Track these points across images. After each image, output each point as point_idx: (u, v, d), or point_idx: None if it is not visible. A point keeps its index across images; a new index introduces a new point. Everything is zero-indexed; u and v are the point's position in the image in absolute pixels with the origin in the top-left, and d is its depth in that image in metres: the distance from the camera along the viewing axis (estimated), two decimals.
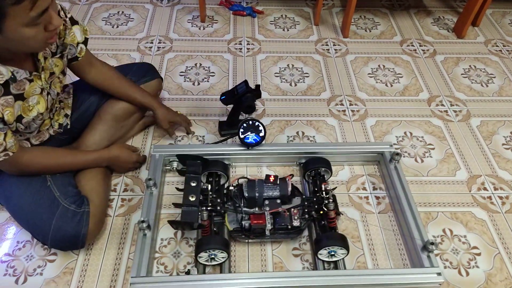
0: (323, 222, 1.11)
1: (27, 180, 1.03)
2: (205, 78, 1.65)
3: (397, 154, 1.25)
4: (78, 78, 1.23)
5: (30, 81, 0.94)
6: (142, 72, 1.35)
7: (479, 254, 1.15)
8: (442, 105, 1.59)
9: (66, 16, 1.04)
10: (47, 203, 1.01)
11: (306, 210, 1.12)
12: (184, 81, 1.63)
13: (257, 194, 1.10)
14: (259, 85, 1.32)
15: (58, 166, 1.08)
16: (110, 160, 1.19)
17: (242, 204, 1.11)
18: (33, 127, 1.02)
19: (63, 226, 1.00)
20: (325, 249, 1.03)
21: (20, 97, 0.92)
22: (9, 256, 1.09)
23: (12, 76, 0.89)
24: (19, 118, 0.94)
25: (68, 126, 1.18)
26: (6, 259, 1.08)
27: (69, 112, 1.20)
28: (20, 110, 0.93)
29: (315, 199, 1.13)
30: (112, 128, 1.26)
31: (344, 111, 1.54)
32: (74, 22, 1.07)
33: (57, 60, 1.04)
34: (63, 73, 1.09)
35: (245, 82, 1.29)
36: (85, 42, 1.12)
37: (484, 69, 1.77)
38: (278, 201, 1.10)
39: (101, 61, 1.23)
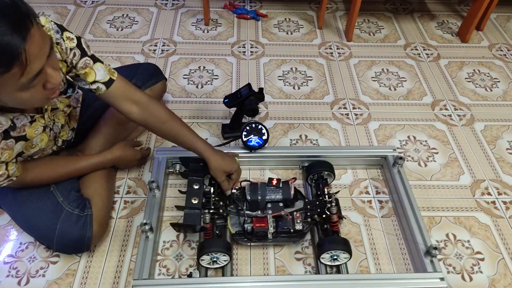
0: (325, 226, 1.10)
1: (28, 195, 1.03)
2: (208, 81, 1.66)
3: (401, 158, 1.24)
4: None
5: (32, 122, 0.92)
6: (148, 76, 1.34)
7: (482, 259, 1.14)
8: (446, 109, 1.58)
9: (85, 55, 0.96)
10: (50, 208, 1.02)
11: (308, 214, 1.11)
12: (188, 84, 1.64)
13: (259, 197, 1.10)
14: (263, 88, 1.32)
15: (63, 176, 1.08)
16: (113, 160, 1.19)
17: (244, 207, 1.11)
18: (35, 156, 1.01)
19: (68, 231, 1.01)
20: (328, 253, 1.02)
21: (22, 138, 0.90)
22: (12, 258, 1.09)
23: (12, 124, 0.86)
24: (20, 154, 0.93)
25: (72, 140, 1.16)
26: (9, 260, 1.09)
27: (75, 125, 1.17)
28: (22, 148, 0.92)
29: (317, 202, 1.13)
30: (116, 131, 1.26)
31: (347, 114, 1.54)
32: (96, 60, 0.99)
33: (62, 99, 1.02)
34: (68, 106, 1.08)
35: (249, 85, 1.29)
36: (108, 83, 1.00)
37: (488, 73, 1.76)
38: (281, 204, 1.10)
39: (153, 100, 1.08)
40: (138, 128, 1.38)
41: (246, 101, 1.29)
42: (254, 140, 1.23)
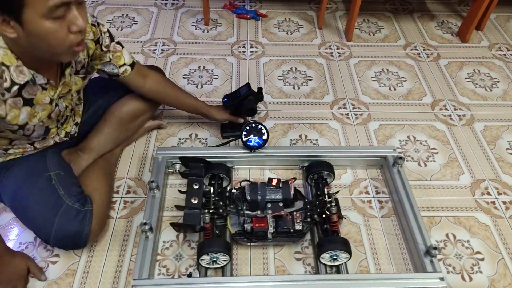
0: (325, 226, 1.10)
1: (33, 180, 1.04)
2: (208, 81, 1.66)
3: (400, 158, 1.24)
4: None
5: (44, 89, 0.94)
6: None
7: (482, 259, 1.14)
8: (446, 109, 1.58)
9: (113, 40, 1.10)
10: (51, 201, 1.01)
11: (308, 214, 1.11)
12: (188, 83, 1.64)
13: (259, 197, 1.10)
14: (261, 88, 1.32)
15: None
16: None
17: (244, 207, 1.11)
18: (36, 134, 1.00)
19: (66, 225, 1.00)
20: (328, 253, 1.02)
21: (29, 102, 0.91)
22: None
23: (33, 79, 0.89)
24: (23, 125, 0.94)
25: (76, 135, 1.18)
26: None
27: (79, 120, 1.19)
28: (26, 117, 0.93)
29: (317, 202, 1.13)
30: (117, 131, 1.26)
31: (347, 114, 1.54)
32: (121, 45, 1.14)
33: (78, 79, 1.05)
34: (78, 91, 1.10)
35: (248, 85, 1.29)
36: (133, 65, 1.16)
37: (488, 73, 1.76)
38: (281, 204, 1.10)
39: (153, 70, 1.26)
40: (139, 131, 1.38)
41: (245, 100, 1.29)
42: (254, 140, 1.23)
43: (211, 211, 1.08)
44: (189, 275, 1.05)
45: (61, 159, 1.12)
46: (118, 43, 1.12)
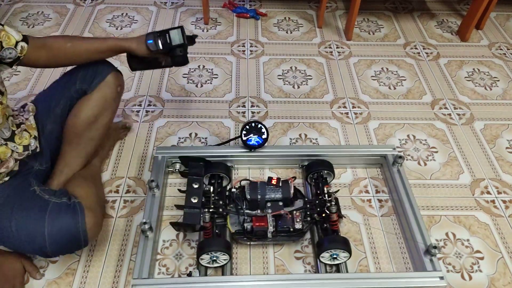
0: (325, 225, 1.10)
1: (16, 197, 0.97)
2: (208, 80, 1.66)
3: (400, 157, 1.24)
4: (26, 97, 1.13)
5: None
6: (90, 76, 1.14)
7: (482, 258, 1.14)
8: (446, 108, 1.58)
9: None
10: (37, 208, 0.94)
11: (308, 213, 1.11)
12: (187, 83, 1.64)
13: (259, 196, 1.10)
14: (196, 35, 1.17)
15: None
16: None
17: (244, 206, 1.11)
18: None
19: (58, 223, 0.92)
20: (327, 252, 1.02)
21: None
22: None
23: None
24: None
25: (38, 149, 1.05)
26: None
27: (35, 133, 1.06)
28: None
29: (317, 201, 1.13)
30: (79, 146, 1.14)
31: (347, 113, 1.54)
32: (1, 25, 0.96)
33: None
34: (2, 83, 0.97)
35: (181, 29, 1.10)
36: (25, 39, 0.99)
37: (488, 72, 1.76)
38: (281, 203, 1.10)
39: (46, 38, 1.08)
40: (109, 137, 1.31)
41: (175, 50, 1.09)
42: (253, 139, 1.23)
43: (211, 210, 1.08)
44: (189, 274, 1.05)
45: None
46: None
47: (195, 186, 1.12)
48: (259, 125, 1.23)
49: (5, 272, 0.97)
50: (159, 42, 1.07)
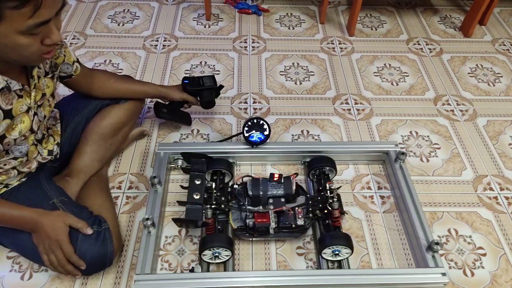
0: (327, 221, 1.10)
1: None
2: None
3: (403, 153, 1.24)
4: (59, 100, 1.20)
5: (19, 96, 0.88)
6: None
7: (484, 255, 1.14)
8: (449, 104, 1.58)
9: None
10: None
11: (310, 209, 1.11)
12: None
13: (261, 193, 1.10)
14: (223, 86, 1.34)
15: None
16: (34, 223, 0.95)
17: (246, 203, 1.11)
18: (16, 151, 0.94)
19: (89, 250, 0.96)
20: (329, 248, 1.03)
21: (8, 114, 0.85)
22: (15, 252, 1.10)
23: (7, 85, 0.83)
24: (1, 138, 0.86)
25: (58, 156, 1.10)
26: (12, 255, 1.09)
27: (59, 140, 1.11)
28: (4, 130, 0.86)
29: (319, 198, 1.13)
30: (101, 148, 1.19)
31: (349, 110, 1.54)
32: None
33: (48, 80, 0.99)
34: (53, 95, 1.03)
35: (213, 77, 1.32)
36: (78, 60, 1.10)
37: (491, 68, 1.75)
38: (283, 199, 1.10)
39: (94, 69, 1.20)
40: (123, 143, 1.32)
41: (206, 91, 1.29)
42: (255, 135, 1.23)
43: (213, 206, 1.08)
44: (191, 270, 1.05)
45: (56, 185, 1.07)
46: None
47: (197, 182, 1.12)
48: (261, 122, 1.23)
49: (47, 233, 0.94)
50: (194, 82, 1.29)
